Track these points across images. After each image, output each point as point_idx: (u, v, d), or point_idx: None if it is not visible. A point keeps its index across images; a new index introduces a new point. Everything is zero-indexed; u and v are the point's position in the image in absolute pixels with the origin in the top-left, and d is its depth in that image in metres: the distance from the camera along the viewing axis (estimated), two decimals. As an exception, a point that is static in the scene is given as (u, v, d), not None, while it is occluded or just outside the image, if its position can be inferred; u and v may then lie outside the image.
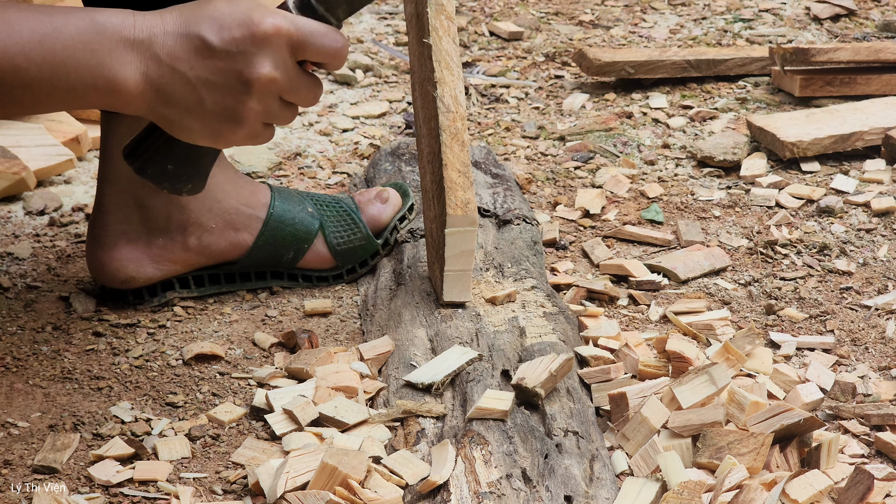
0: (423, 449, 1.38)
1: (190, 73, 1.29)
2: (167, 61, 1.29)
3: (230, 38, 1.29)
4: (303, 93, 1.34)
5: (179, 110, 1.31)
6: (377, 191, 1.85)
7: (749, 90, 2.52)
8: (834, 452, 1.40)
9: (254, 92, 1.30)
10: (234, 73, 1.29)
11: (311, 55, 1.33)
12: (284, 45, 1.31)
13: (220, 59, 1.29)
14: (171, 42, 1.29)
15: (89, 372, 1.59)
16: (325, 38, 1.32)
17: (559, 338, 1.55)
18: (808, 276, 1.86)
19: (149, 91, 1.29)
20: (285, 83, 1.32)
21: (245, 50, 1.29)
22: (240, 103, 1.31)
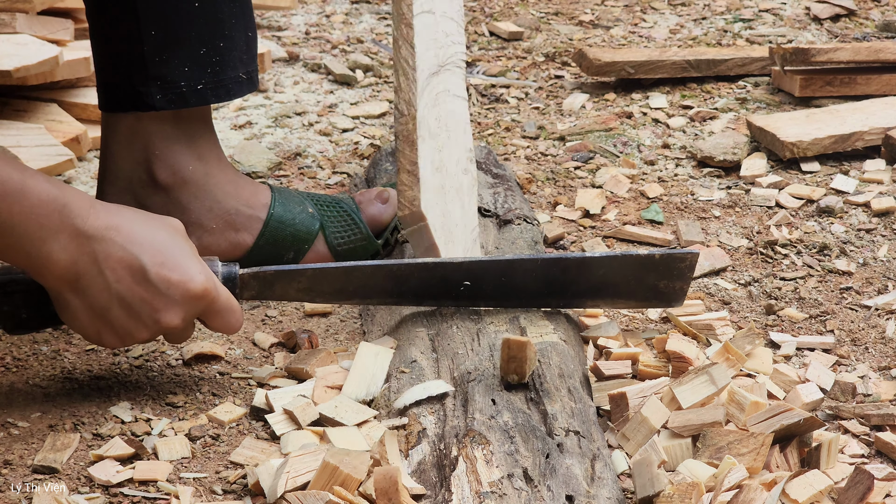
0: (423, 448, 1.38)
1: (113, 284, 1.39)
2: (100, 263, 1.39)
3: (165, 278, 1.40)
4: (179, 340, 1.48)
5: (83, 304, 1.41)
6: (377, 191, 1.85)
7: (749, 90, 2.52)
8: (834, 452, 1.40)
9: (155, 330, 1.43)
10: (150, 307, 1.41)
11: (212, 323, 1.47)
12: (201, 307, 1.43)
13: (146, 290, 1.40)
14: (112, 249, 1.39)
15: (89, 372, 1.59)
16: (232, 318, 1.47)
17: (560, 337, 1.55)
18: (808, 276, 1.86)
19: (69, 277, 1.39)
20: (178, 331, 1.45)
21: (171, 295, 1.41)
22: (137, 330, 1.42)
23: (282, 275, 1.52)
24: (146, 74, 1.66)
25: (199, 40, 1.67)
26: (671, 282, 1.59)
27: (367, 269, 1.54)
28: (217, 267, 1.49)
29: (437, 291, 1.57)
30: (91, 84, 2.28)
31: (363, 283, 1.55)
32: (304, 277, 1.53)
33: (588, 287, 1.59)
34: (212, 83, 1.70)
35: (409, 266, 1.55)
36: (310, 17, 3.00)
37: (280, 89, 2.58)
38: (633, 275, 1.58)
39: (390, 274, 1.55)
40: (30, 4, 2.21)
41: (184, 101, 1.68)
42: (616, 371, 1.55)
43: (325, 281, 1.54)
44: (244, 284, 1.52)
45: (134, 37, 1.65)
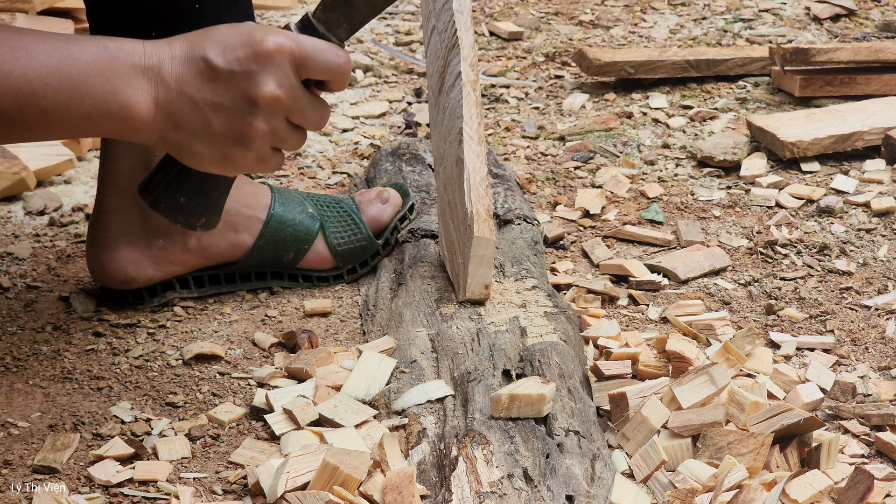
0: (424, 449, 1.38)
1: (197, 96, 1.30)
2: (175, 86, 1.30)
3: (234, 58, 1.30)
4: (308, 114, 1.34)
5: (188, 134, 1.32)
6: (377, 191, 1.85)
7: (749, 90, 2.52)
8: (834, 452, 1.40)
9: (259, 111, 1.31)
10: (240, 92, 1.30)
11: (315, 72, 1.33)
12: (287, 63, 1.31)
13: (225, 79, 1.30)
14: (178, 67, 1.30)
15: (89, 372, 1.59)
16: (328, 55, 1.33)
17: (560, 337, 1.55)
18: (808, 276, 1.86)
19: (159, 116, 1.31)
20: (290, 103, 1.32)
21: (249, 69, 1.30)
22: (246, 124, 1.31)
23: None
24: None
25: (200, 40, 1.67)
26: None
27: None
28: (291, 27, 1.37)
29: None
30: (91, 84, 2.27)
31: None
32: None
33: None
34: None
35: None
36: (310, 17, 3.00)
37: (280, 89, 2.57)
38: None
39: None
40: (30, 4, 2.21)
41: None
42: (616, 371, 1.55)
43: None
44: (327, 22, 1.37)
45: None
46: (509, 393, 1.36)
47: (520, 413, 1.37)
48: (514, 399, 1.36)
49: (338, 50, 1.34)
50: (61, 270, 1.85)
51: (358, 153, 2.28)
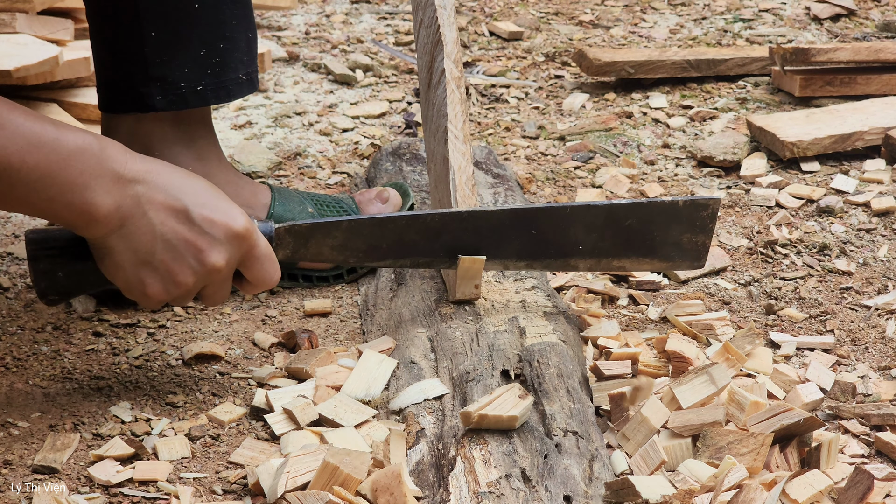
0: (422, 448, 1.38)
1: (157, 226, 1.38)
2: (144, 206, 1.37)
3: (208, 218, 1.39)
4: (220, 294, 1.46)
5: (128, 250, 1.39)
6: (377, 191, 1.85)
7: (749, 90, 2.52)
8: (834, 452, 1.40)
9: (199, 271, 1.41)
10: (195, 248, 1.40)
11: (251, 273, 1.45)
12: (243, 250, 1.42)
13: (190, 230, 1.39)
14: (153, 193, 1.38)
15: (89, 372, 1.59)
16: (270, 267, 1.46)
17: (559, 338, 1.55)
18: (808, 276, 1.86)
19: (114, 222, 1.36)
20: (219, 280, 1.43)
21: (214, 235, 1.40)
22: (182, 273, 1.41)
23: (317, 228, 1.52)
24: (147, 75, 1.66)
25: (200, 41, 1.67)
26: (693, 235, 1.59)
27: (401, 221, 1.55)
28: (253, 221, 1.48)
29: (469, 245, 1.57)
30: (91, 84, 2.28)
31: (397, 236, 1.55)
32: (339, 231, 1.53)
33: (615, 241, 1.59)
34: (212, 84, 1.70)
35: (443, 217, 1.55)
36: (310, 17, 3.00)
37: (280, 89, 2.58)
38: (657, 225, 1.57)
39: (423, 225, 1.55)
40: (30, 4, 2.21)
41: (184, 102, 1.68)
42: (616, 371, 1.55)
43: (360, 235, 1.54)
44: (280, 240, 1.50)
45: (135, 37, 1.65)
46: (479, 412, 1.35)
47: (489, 428, 1.36)
48: (484, 419, 1.35)
49: (278, 269, 1.47)
50: (61, 270, 1.85)
51: (358, 153, 2.28)
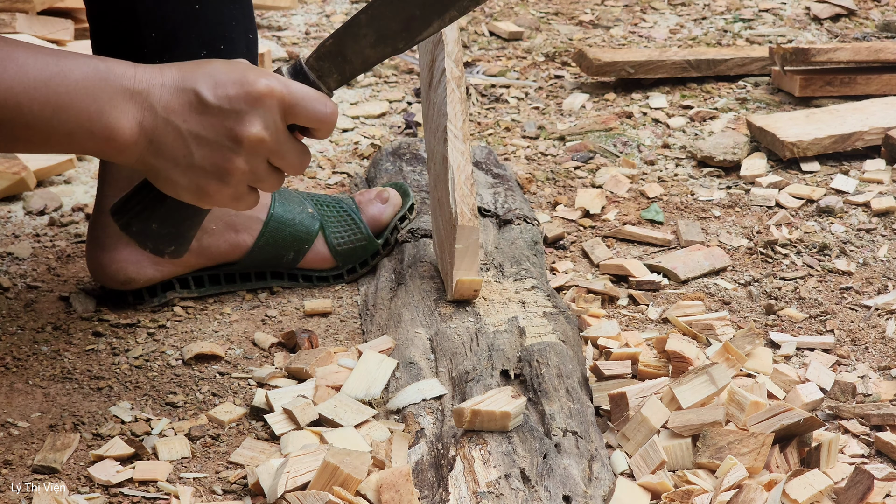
0: (421, 448, 1.38)
1: (182, 127, 1.32)
2: (162, 113, 1.32)
3: (224, 95, 1.32)
4: (290, 158, 1.36)
5: (169, 162, 1.33)
6: (377, 191, 1.85)
7: (749, 90, 2.52)
8: (834, 452, 1.40)
9: (242, 150, 1.33)
10: (225, 129, 1.32)
11: (302, 119, 1.35)
12: (276, 107, 1.33)
13: (213, 114, 1.32)
14: (167, 95, 1.32)
15: (89, 372, 1.59)
16: (317, 104, 1.35)
17: (559, 338, 1.55)
18: (808, 276, 1.86)
19: (142, 140, 1.32)
20: (273, 145, 1.34)
21: (237, 108, 1.32)
22: (227, 161, 1.33)
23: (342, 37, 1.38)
24: None
25: (200, 42, 1.67)
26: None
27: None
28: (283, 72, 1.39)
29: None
30: (91, 84, 2.27)
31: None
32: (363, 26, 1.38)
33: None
34: None
35: None
36: (310, 17, 3.00)
37: (280, 89, 2.58)
38: None
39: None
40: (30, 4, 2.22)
41: None
42: (616, 371, 1.55)
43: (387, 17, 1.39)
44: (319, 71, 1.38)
45: (134, 38, 1.65)
46: (472, 408, 1.35)
47: (483, 427, 1.36)
48: (477, 415, 1.35)
49: (326, 100, 1.35)
50: (61, 270, 1.85)
51: (358, 153, 2.28)
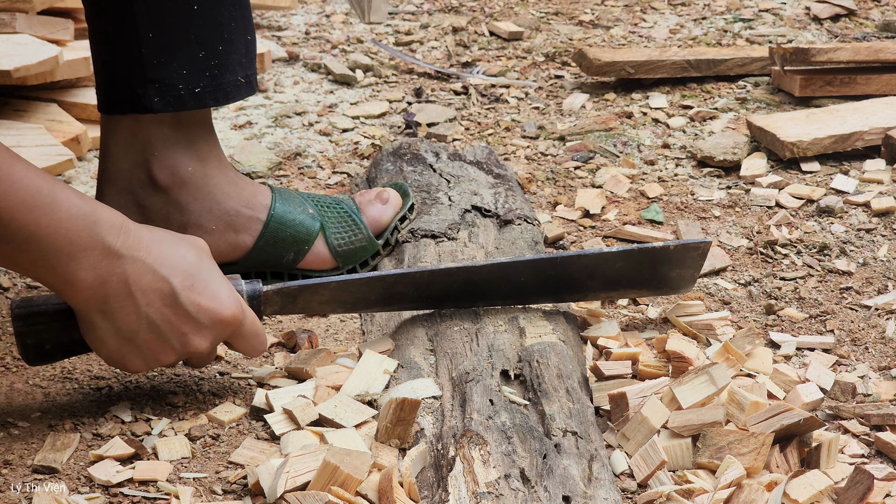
0: (421, 449, 1.37)
1: (143, 308, 1.37)
2: (130, 286, 1.36)
3: (195, 303, 1.39)
4: (202, 364, 1.47)
5: (110, 328, 1.38)
6: (377, 191, 1.85)
7: (749, 90, 2.52)
8: (834, 452, 1.40)
9: (182, 353, 1.41)
10: (179, 331, 1.39)
11: (238, 348, 1.46)
12: (228, 332, 1.42)
13: (176, 314, 1.38)
14: (141, 273, 1.36)
15: (89, 372, 1.59)
16: (257, 341, 1.46)
17: (559, 338, 1.55)
18: (808, 276, 1.86)
19: (97, 298, 1.35)
20: (201, 357, 1.44)
21: (200, 320, 1.40)
22: (164, 353, 1.41)
23: (305, 289, 1.54)
24: (144, 77, 1.66)
25: (198, 43, 1.67)
26: (683, 270, 1.63)
27: (389, 279, 1.56)
28: (241, 286, 1.49)
29: (458, 295, 1.60)
30: (91, 84, 2.28)
31: (385, 291, 1.57)
32: (327, 291, 1.54)
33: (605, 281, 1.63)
34: (210, 86, 1.69)
35: (432, 273, 1.57)
36: (310, 17, 3.00)
37: (280, 89, 2.58)
38: (647, 267, 1.61)
39: (412, 282, 1.57)
40: (30, 4, 2.21)
41: (182, 104, 1.68)
42: (616, 371, 1.55)
43: (348, 292, 1.55)
44: (267, 300, 1.52)
45: (132, 39, 1.65)
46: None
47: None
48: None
49: (264, 342, 1.48)
50: (61, 270, 1.85)
51: (358, 153, 2.28)
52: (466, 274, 1.58)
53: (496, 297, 1.61)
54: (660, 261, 1.62)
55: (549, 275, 1.59)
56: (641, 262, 1.61)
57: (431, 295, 1.59)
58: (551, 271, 1.59)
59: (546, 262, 1.59)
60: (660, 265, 1.62)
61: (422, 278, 1.57)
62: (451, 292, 1.59)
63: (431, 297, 1.59)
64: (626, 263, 1.61)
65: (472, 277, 1.58)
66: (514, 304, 1.62)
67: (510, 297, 1.61)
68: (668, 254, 1.61)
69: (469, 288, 1.59)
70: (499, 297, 1.61)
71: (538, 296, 1.62)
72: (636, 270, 1.62)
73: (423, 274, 1.57)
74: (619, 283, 1.63)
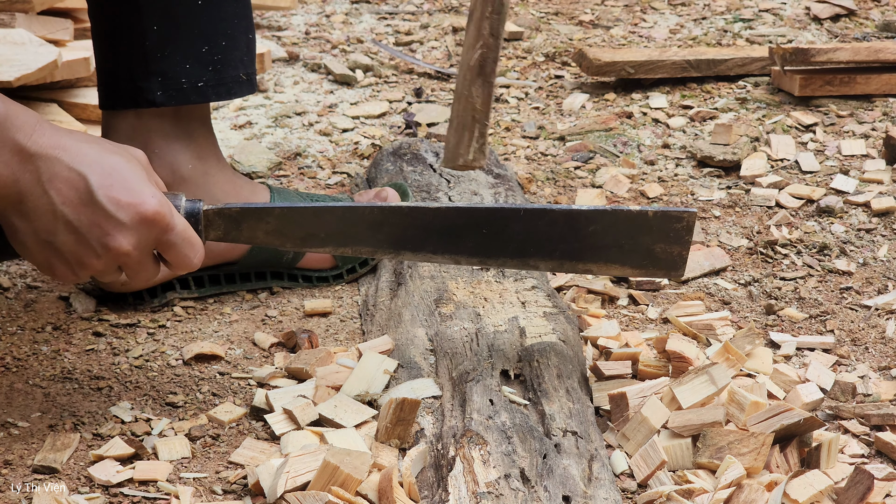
0: (421, 449, 1.37)
1: (59, 206, 1.30)
2: (44, 183, 1.30)
3: (114, 199, 1.31)
4: (140, 275, 1.37)
5: (28, 228, 1.32)
6: (376, 191, 1.85)
7: (749, 90, 2.52)
8: (834, 452, 1.40)
9: (104, 255, 1.33)
10: (99, 231, 1.32)
11: (169, 255, 1.37)
12: (154, 232, 1.34)
13: (94, 211, 1.31)
14: (57, 169, 1.30)
15: (89, 372, 1.59)
16: (189, 252, 1.37)
17: (559, 338, 1.55)
18: (808, 276, 1.86)
19: (13, 197, 1.30)
20: (133, 261, 1.35)
21: (119, 217, 1.31)
22: (85, 256, 1.33)
23: (248, 213, 1.42)
24: (147, 70, 1.66)
25: (202, 38, 1.67)
26: (668, 246, 1.48)
27: (337, 212, 1.43)
28: (179, 201, 1.40)
29: (414, 240, 1.45)
30: (91, 84, 2.28)
31: (335, 227, 1.44)
32: (272, 217, 1.43)
33: (577, 246, 1.47)
34: (213, 81, 1.70)
35: (383, 210, 1.43)
36: (310, 17, 3.00)
37: (280, 89, 2.58)
38: (624, 233, 1.46)
39: (363, 218, 1.44)
40: (29, 4, 2.21)
41: (184, 98, 1.68)
42: (616, 371, 1.55)
43: (295, 223, 1.43)
44: (209, 222, 1.42)
45: (136, 32, 1.65)
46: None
47: None
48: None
49: (199, 250, 1.38)
50: (61, 270, 1.85)
51: (358, 153, 2.28)
52: (422, 217, 1.43)
53: (456, 250, 1.45)
54: (638, 229, 1.45)
55: (514, 230, 1.43)
56: (617, 228, 1.45)
57: (386, 237, 1.44)
58: (516, 226, 1.43)
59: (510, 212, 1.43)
60: (639, 234, 1.46)
61: (372, 216, 1.43)
62: (406, 237, 1.44)
63: (386, 239, 1.44)
64: (601, 226, 1.45)
65: (430, 221, 1.43)
66: (476, 262, 1.47)
67: (473, 251, 1.46)
68: (646, 220, 1.45)
69: (425, 234, 1.44)
70: (462, 249, 1.45)
71: (502, 254, 1.45)
72: (613, 237, 1.46)
73: (373, 210, 1.43)
74: (595, 250, 1.46)
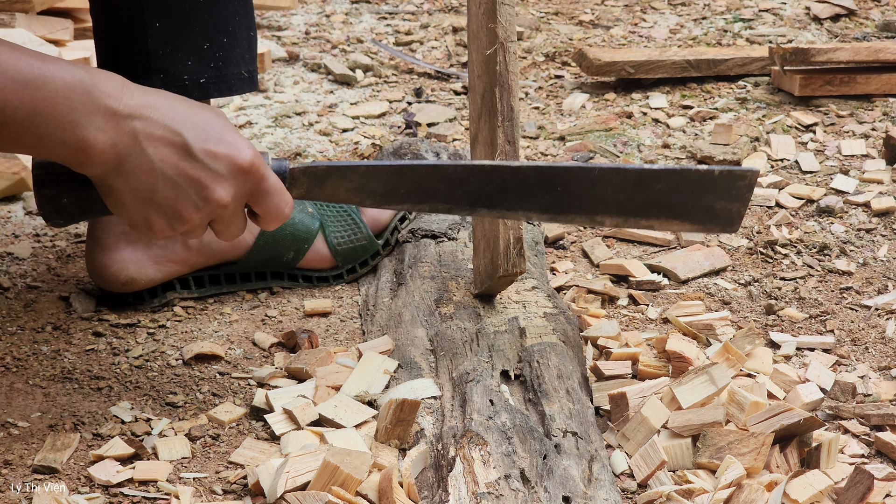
0: (421, 449, 1.37)
1: (157, 163, 1.32)
2: (142, 142, 1.32)
3: (211, 152, 1.34)
4: (232, 229, 1.39)
5: (129, 188, 1.34)
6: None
7: (749, 90, 2.52)
8: (834, 452, 1.40)
9: (203, 208, 1.35)
10: (198, 183, 1.34)
11: (262, 208, 1.39)
12: (249, 184, 1.36)
13: (192, 165, 1.33)
14: (152, 129, 1.32)
15: (89, 372, 1.59)
16: (281, 203, 1.39)
17: (559, 338, 1.55)
18: (808, 276, 1.86)
19: (111, 161, 1.32)
20: (227, 214, 1.37)
21: (218, 169, 1.34)
22: (186, 210, 1.35)
23: (334, 171, 1.46)
24: (149, 68, 1.66)
25: (203, 35, 1.68)
26: (728, 203, 1.53)
27: (421, 170, 1.48)
28: (267, 159, 1.43)
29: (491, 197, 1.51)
30: (91, 84, 2.27)
31: (416, 184, 1.49)
32: (357, 175, 1.47)
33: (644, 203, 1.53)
34: (214, 78, 1.70)
35: (465, 168, 1.50)
36: (310, 17, 3.00)
37: (280, 89, 2.58)
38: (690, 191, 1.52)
39: (444, 176, 1.49)
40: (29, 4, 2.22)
41: (186, 95, 1.68)
42: (616, 371, 1.55)
43: (378, 180, 1.48)
44: (294, 180, 1.45)
45: (138, 29, 1.65)
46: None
47: None
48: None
49: (290, 203, 1.40)
50: (61, 270, 1.85)
51: (358, 153, 2.28)
52: (502, 174, 1.50)
53: (531, 206, 1.52)
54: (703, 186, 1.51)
55: (586, 187, 1.50)
56: (683, 186, 1.51)
57: (464, 194, 1.50)
58: (589, 183, 1.50)
59: (585, 171, 1.50)
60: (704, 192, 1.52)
61: (455, 173, 1.49)
62: (484, 193, 1.50)
63: (464, 196, 1.51)
64: (667, 185, 1.51)
65: (507, 179, 1.49)
66: (549, 217, 1.54)
67: (545, 208, 1.51)
68: (712, 179, 1.51)
69: (503, 191, 1.51)
70: (534, 206, 1.52)
71: (574, 211, 1.53)
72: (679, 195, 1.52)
73: (456, 168, 1.49)
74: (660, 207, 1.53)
